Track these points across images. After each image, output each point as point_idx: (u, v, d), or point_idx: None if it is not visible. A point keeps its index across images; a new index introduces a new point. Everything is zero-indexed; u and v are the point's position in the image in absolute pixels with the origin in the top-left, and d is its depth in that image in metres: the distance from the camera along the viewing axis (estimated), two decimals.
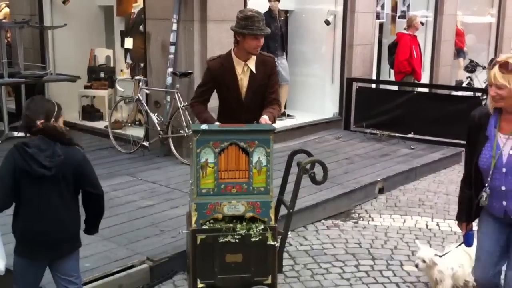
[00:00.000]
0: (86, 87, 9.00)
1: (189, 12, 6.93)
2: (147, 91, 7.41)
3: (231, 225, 3.62)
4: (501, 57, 2.96)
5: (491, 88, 2.97)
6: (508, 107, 3.00)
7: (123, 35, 8.75)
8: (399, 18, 10.54)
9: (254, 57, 4.13)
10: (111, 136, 7.58)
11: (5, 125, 7.97)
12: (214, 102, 4.43)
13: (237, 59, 4.12)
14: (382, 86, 9.78)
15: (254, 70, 4.12)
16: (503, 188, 3.05)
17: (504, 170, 3.03)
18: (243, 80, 4.13)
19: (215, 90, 4.29)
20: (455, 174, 7.43)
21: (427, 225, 5.59)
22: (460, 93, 10.20)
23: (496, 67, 2.93)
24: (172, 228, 4.86)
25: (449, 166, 7.72)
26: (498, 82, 2.93)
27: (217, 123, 4.01)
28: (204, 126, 3.58)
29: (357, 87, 9.03)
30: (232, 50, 4.16)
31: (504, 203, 3.08)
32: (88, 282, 3.91)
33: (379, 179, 6.52)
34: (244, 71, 4.12)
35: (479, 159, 3.12)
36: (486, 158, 3.09)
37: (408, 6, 10.65)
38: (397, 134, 8.46)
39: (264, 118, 3.94)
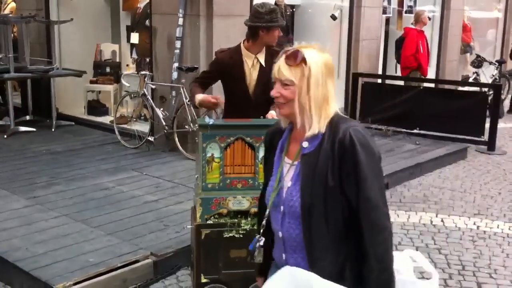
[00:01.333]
0: (92, 82, 9.03)
1: (195, 7, 6.93)
2: (153, 86, 7.42)
3: (236, 220, 3.62)
4: (293, 46, 2.13)
5: (274, 87, 2.12)
6: (296, 117, 2.09)
7: (129, 30, 8.76)
8: (405, 13, 10.49)
9: (263, 51, 4.10)
10: (116, 131, 7.59)
11: (11, 119, 8.00)
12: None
13: (247, 52, 4.08)
14: (388, 81, 9.76)
15: (263, 64, 4.08)
16: (280, 234, 2.16)
17: (282, 208, 2.14)
18: (252, 74, 4.10)
19: (215, 84, 4.30)
20: (460, 169, 7.41)
21: (431, 221, 5.58)
22: (466, 88, 10.17)
23: (283, 58, 2.10)
24: (176, 223, 4.87)
25: (454, 162, 7.70)
26: (282, 76, 2.08)
27: (199, 96, 4.04)
28: (210, 121, 3.58)
29: (363, 82, 9.01)
30: (242, 43, 4.12)
31: (283, 256, 2.16)
32: (92, 277, 3.93)
33: (384, 175, 6.49)
34: (254, 65, 4.09)
35: (265, 193, 2.27)
36: (268, 192, 2.23)
37: (415, 1, 10.59)
38: (402, 130, 8.45)
39: (271, 114, 3.91)
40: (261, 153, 3.59)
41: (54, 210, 5.13)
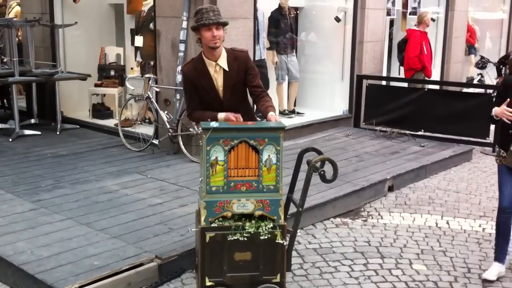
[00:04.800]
0: (96, 85, 9.04)
1: None
2: (157, 89, 7.42)
3: (240, 223, 3.62)
4: None
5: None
6: None
7: (133, 33, 8.77)
8: (410, 14, 10.49)
9: (225, 55, 4.07)
10: (121, 134, 7.61)
11: (16, 123, 8.02)
12: None
13: (208, 60, 4.06)
14: (392, 83, 9.74)
15: (226, 68, 4.06)
16: None
17: None
18: (218, 80, 4.08)
19: None
20: (466, 171, 7.39)
21: (436, 223, 5.56)
22: (471, 90, 10.14)
23: None
24: (181, 226, 4.87)
25: (459, 164, 7.68)
26: None
27: (221, 114, 3.96)
28: (214, 124, 3.57)
29: (367, 84, 9.00)
30: (202, 52, 4.12)
31: None
32: (97, 280, 3.93)
33: (389, 177, 6.50)
34: (216, 71, 4.06)
35: None
36: None
37: (419, 3, 10.60)
38: (407, 132, 8.43)
39: (273, 115, 3.90)
40: (264, 156, 3.59)
41: (59, 213, 5.14)
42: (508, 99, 4.17)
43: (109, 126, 8.41)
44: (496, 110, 4.26)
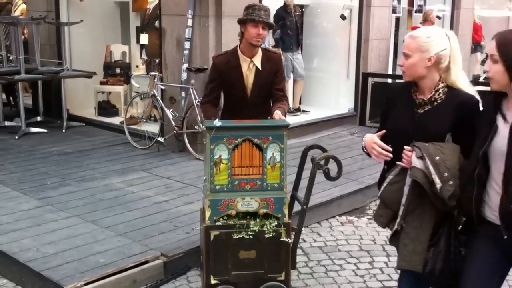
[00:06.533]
0: (102, 83, 9.06)
1: (204, 8, 6.94)
2: (162, 87, 7.43)
3: (244, 221, 3.62)
4: None
5: None
6: None
7: (139, 31, 8.79)
8: (415, 12, 10.47)
9: (259, 54, 4.10)
10: (126, 131, 7.62)
11: (22, 121, 8.05)
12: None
13: (242, 56, 4.08)
14: (398, 81, 9.71)
15: (259, 67, 4.09)
16: None
17: None
18: (249, 77, 4.10)
19: None
20: None
21: None
22: (477, 88, 10.11)
23: None
24: (186, 223, 4.88)
25: None
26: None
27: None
28: (217, 123, 3.58)
29: (373, 82, 8.98)
30: (238, 46, 4.14)
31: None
32: (102, 277, 3.95)
33: None
34: (249, 68, 4.09)
35: None
36: None
37: (425, 0, 10.57)
38: None
39: (278, 114, 3.92)
40: (268, 154, 3.59)
41: (65, 210, 5.16)
42: (384, 130, 2.97)
43: (115, 124, 8.43)
44: (366, 140, 3.02)
